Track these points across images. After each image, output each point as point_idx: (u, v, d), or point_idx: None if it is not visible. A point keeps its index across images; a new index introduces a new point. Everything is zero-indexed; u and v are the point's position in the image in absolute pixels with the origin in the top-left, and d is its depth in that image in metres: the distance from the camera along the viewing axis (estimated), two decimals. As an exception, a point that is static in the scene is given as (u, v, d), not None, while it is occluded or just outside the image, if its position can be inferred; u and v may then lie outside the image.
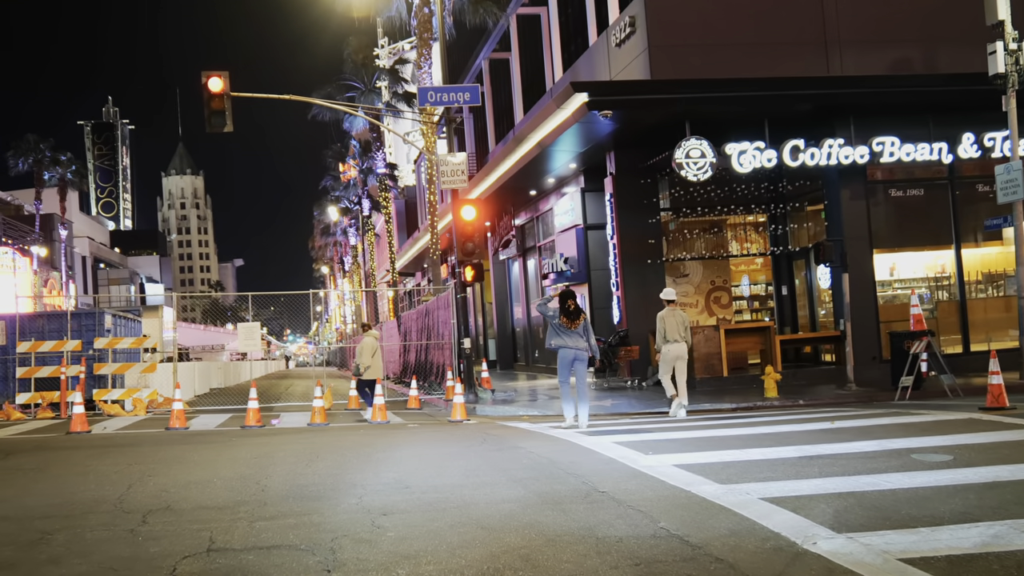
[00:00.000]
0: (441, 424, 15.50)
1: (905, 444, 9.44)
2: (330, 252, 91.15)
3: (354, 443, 11.98)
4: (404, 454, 10.50)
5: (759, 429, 11.60)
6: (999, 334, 21.79)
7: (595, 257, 25.27)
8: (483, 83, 38.95)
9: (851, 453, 9.06)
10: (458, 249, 20.83)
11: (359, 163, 54.22)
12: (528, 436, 12.05)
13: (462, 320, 21.58)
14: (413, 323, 30.71)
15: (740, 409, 16.54)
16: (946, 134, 20.41)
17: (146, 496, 7.96)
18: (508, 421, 15.37)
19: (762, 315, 25.09)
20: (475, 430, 13.46)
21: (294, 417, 17.91)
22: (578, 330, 13.18)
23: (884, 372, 20.00)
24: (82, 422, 15.08)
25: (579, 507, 6.93)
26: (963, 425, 10.91)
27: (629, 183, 22.83)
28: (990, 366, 12.69)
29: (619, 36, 22.42)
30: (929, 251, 21.87)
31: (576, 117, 19.97)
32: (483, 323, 40.60)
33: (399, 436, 12.96)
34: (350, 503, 7.38)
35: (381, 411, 16.22)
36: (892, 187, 21.38)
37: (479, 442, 11.48)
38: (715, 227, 24.42)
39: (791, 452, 9.27)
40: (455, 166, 21.39)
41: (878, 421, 11.80)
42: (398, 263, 53.27)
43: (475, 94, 21.38)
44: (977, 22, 19.41)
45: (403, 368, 32.23)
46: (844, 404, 16.63)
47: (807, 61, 21.30)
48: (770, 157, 19.81)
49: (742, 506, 6.74)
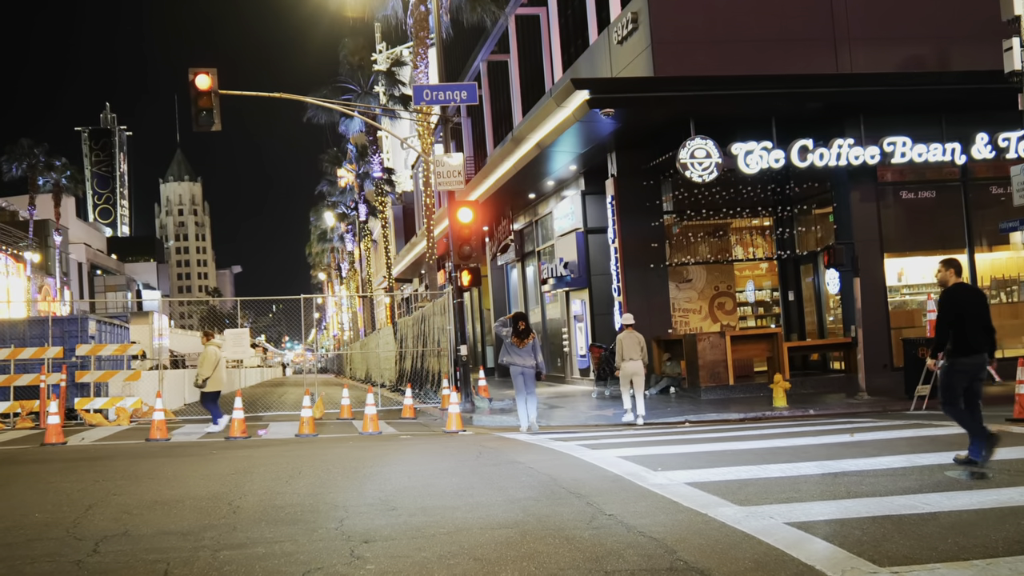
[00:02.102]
0: (435, 435, 14.75)
1: (935, 459, 8.71)
2: (327, 258, 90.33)
3: (340, 457, 11.24)
4: (393, 470, 9.74)
5: (773, 442, 10.86)
6: (1012, 341, 21.10)
7: (596, 262, 24.53)
8: (481, 86, 38.26)
9: (879, 470, 8.33)
10: (454, 252, 20.12)
11: (356, 168, 53.50)
12: (526, 449, 11.31)
13: (459, 326, 20.85)
14: (409, 329, 29.96)
15: (748, 420, 15.81)
16: (959, 134, 19.72)
17: (105, 519, 7.21)
18: (506, 432, 14.63)
19: (767, 321, 24.36)
20: (470, 442, 12.72)
21: (282, 427, 17.17)
22: (526, 348, 14.74)
23: (896, 380, 19.29)
24: (57, 433, 14.33)
25: (584, 534, 6.19)
26: (994, 438, 10.17)
27: (631, 185, 22.11)
28: (1018, 374, 11.94)
29: (621, 33, 21.72)
30: (942, 255, 21.05)
31: (577, 116, 19.26)
32: (481, 330, 39.86)
33: (389, 449, 12.21)
34: (329, 528, 6.64)
35: (373, 422, 15.47)
36: (903, 189, 20.67)
37: (474, 456, 10.74)
38: (719, 231, 23.70)
39: (813, 468, 8.53)
40: (451, 167, 20.68)
41: (901, 433, 11.06)
42: (395, 269, 52.56)
43: (472, 92, 20.68)
44: (992, 19, 18.79)
45: (399, 375, 31.48)
46: (857, 414, 15.90)
47: (816, 59, 20.60)
48: (778, 157, 19.10)
49: (767, 532, 6.00)
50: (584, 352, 24.92)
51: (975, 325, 8.61)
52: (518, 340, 14.72)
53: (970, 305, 8.72)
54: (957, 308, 8.67)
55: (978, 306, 8.79)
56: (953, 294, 8.81)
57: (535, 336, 15.06)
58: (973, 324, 8.60)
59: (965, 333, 8.58)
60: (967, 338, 8.57)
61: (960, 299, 8.76)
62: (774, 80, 19.24)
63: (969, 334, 8.57)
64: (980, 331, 8.63)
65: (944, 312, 8.76)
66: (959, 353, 8.59)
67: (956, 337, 8.62)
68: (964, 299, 8.77)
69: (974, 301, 8.83)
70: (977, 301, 8.88)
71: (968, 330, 8.58)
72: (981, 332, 8.63)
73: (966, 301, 8.75)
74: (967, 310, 8.65)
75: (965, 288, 9.01)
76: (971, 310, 8.67)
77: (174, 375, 29.87)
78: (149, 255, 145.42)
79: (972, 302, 8.79)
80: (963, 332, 8.58)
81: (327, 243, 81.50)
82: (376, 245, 63.77)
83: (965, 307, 8.68)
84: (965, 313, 8.63)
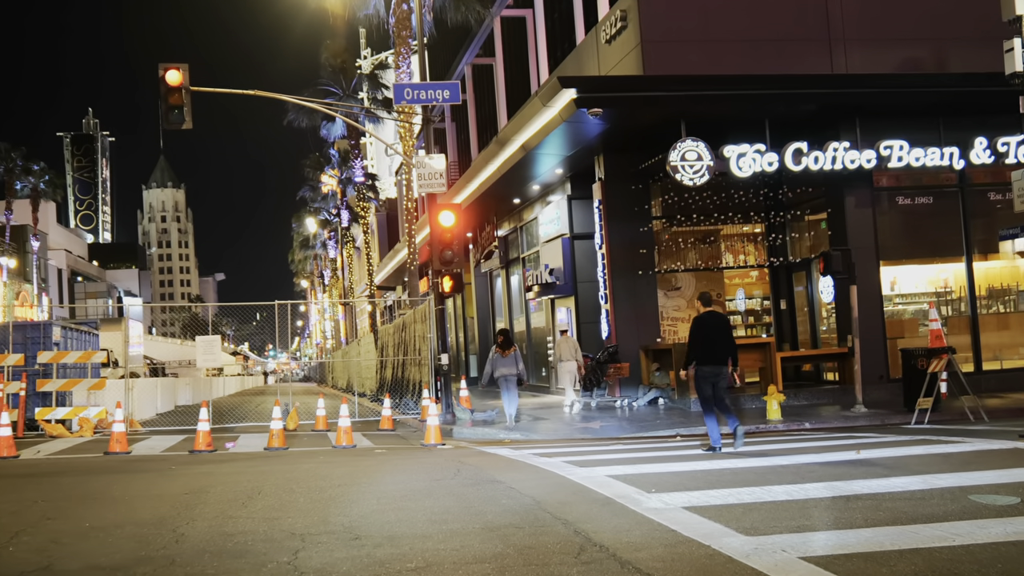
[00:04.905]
0: (413, 449, 13.93)
1: (955, 481, 7.97)
2: (310, 266, 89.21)
3: (307, 475, 10.40)
4: (362, 491, 8.91)
5: (773, 460, 10.10)
6: (1010, 351, 20.49)
7: (582, 268, 23.78)
8: (466, 90, 37.50)
9: (895, 493, 7.58)
10: (435, 257, 19.30)
11: (339, 173, 52.60)
12: (509, 466, 10.51)
13: (440, 334, 20.05)
14: (390, 338, 29.14)
15: (742, 433, 15.08)
16: (957, 138, 19.10)
17: (28, 550, 6.37)
18: (487, 446, 13.83)
19: (758, 331, 23.65)
20: (449, 457, 11.91)
21: (252, 440, 16.31)
22: (509, 358, 17.23)
23: (893, 392, 18.64)
24: (9, 446, 13.43)
25: (571, 571, 5.40)
26: (1012, 457, 9.45)
27: (619, 189, 21.38)
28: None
29: (609, 32, 21.01)
30: (939, 264, 20.50)
31: (563, 116, 18.52)
32: (464, 338, 39.06)
33: (361, 465, 11.38)
34: (280, 561, 5.82)
35: (347, 434, 14.63)
36: (899, 194, 20.02)
37: (452, 474, 9.92)
38: (710, 237, 22.99)
39: (821, 491, 7.78)
40: (433, 169, 19.90)
41: (910, 451, 10.31)
42: (378, 277, 51.66)
43: (455, 91, 19.94)
44: (991, 20, 18.21)
45: (380, 385, 30.63)
46: (856, 428, 15.18)
47: (810, 59, 19.92)
48: (771, 161, 18.41)
49: (781, 570, 5.24)
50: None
51: (714, 342, 11.34)
52: (501, 351, 17.27)
53: (712, 328, 11.45)
54: (704, 330, 11.41)
55: (719, 329, 11.52)
56: (702, 319, 11.55)
57: (516, 348, 17.58)
58: (712, 342, 11.34)
59: (713, 348, 11.33)
60: (712, 351, 11.31)
61: (707, 323, 11.48)
62: (767, 80, 18.58)
63: (712, 349, 11.31)
64: (720, 347, 11.34)
65: (693, 333, 11.55)
66: (702, 363, 11.32)
67: (703, 351, 11.31)
68: (710, 324, 11.49)
69: (717, 325, 11.58)
70: (719, 325, 11.63)
71: (711, 346, 11.32)
72: (720, 347, 11.34)
73: (710, 325, 11.47)
74: (710, 333, 11.38)
75: (712, 315, 11.75)
76: (713, 333, 11.40)
77: (147, 384, 28.89)
78: (131, 262, 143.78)
79: (715, 326, 11.53)
80: (711, 348, 11.32)
81: (310, 250, 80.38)
82: (359, 252, 62.81)
83: (709, 330, 11.40)
84: (710, 334, 11.37)
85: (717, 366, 11.32)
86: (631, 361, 20.65)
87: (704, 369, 11.30)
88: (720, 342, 11.35)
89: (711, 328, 11.42)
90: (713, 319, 11.62)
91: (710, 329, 11.39)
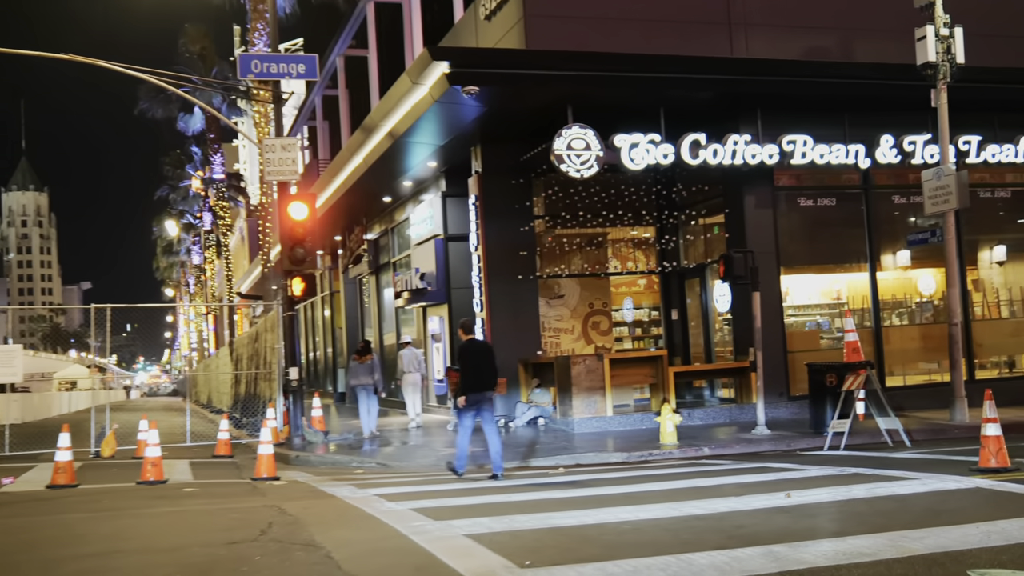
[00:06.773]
0: (236, 485, 11.20)
1: (935, 544, 5.84)
2: (176, 273, 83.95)
3: (48, 539, 7.55)
4: (99, 566, 6.19)
5: (682, 506, 7.84)
6: (912, 366, 19.10)
7: (457, 273, 21.36)
8: (338, 84, 34.75)
9: (862, 564, 5.39)
10: (285, 256, 16.59)
11: (204, 173, 48.82)
12: (340, 517, 7.95)
13: (289, 345, 17.32)
14: (244, 349, 26.11)
15: (632, 463, 12.93)
16: (863, 135, 17.61)
17: None
18: (333, 481, 11.21)
19: (646, 343, 21.72)
20: (271, 501, 9.24)
21: (47, 473, 13.19)
22: (366, 366, 17.08)
23: (794, 411, 16.97)
24: None
25: None
26: (983, 503, 7.44)
27: (498, 184, 19.10)
28: (985, 410, 9.25)
29: (489, 6, 18.71)
30: (842, 273, 18.98)
31: (434, 95, 16.12)
32: (333, 351, 36.17)
33: (138, 521, 8.59)
34: None
35: (155, 467, 11.77)
36: (801, 195, 18.37)
37: (256, 532, 7.27)
38: (597, 238, 20.93)
39: (762, 562, 5.53)
40: (284, 154, 17.20)
41: (850, 493, 8.16)
42: (244, 284, 48.18)
43: (312, 65, 17.42)
44: (902, 12, 16.82)
45: (234, 401, 27.51)
46: (761, 455, 13.20)
47: (712, 44, 18.05)
48: (667, 152, 16.44)
49: None
50: (442, 376, 21.65)
51: (481, 370, 11.23)
52: (359, 357, 17.20)
53: (477, 355, 11.39)
54: (474, 357, 11.33)
55: (482, 355, 11.45)
56: (467, 346, 11.50)
57: (374, 355, 17.45)
58: (478, 368, 11.23)
59: (479, 375, 11.19)
60: (479, 378, 11.16)
61: (473, 350, 11.46)
62: (664, 60, 16.60)
63: (479, 376, 11.19)
64: (484, 373, 11.22)
65: (462, 359, 11.45)
66: (468, 390, 11.13)
67: (471, 378, 11.15)
68: (475, 350, 11.48)
69: (480, 351, 11.59)
70: (483, 351, 11.65)
71: (479, 373, 11.20)
72: (486, 374, 11.23)
73: (475, 352, 11.44)
74: (474, 359, 11.31)
75: (474, 341, 11.83)
76: (477, 359, 11.32)
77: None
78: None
79: (478, 352, 11.51)
80: (479, 375, 11.18)
81: (175, 256, 75.34)
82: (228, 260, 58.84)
83: (474, 356, 11.33)
84: (477, 361, 11.30)
85: (482, 393, 11.25)
86: (509, 376, 18.29)
87: (473, 396, 11.19)
88: (486, 369, 11.34)
89: (478, 355, 11.44)
90: (476, 346, 11.76)
91: (476, 355, 11.41)
